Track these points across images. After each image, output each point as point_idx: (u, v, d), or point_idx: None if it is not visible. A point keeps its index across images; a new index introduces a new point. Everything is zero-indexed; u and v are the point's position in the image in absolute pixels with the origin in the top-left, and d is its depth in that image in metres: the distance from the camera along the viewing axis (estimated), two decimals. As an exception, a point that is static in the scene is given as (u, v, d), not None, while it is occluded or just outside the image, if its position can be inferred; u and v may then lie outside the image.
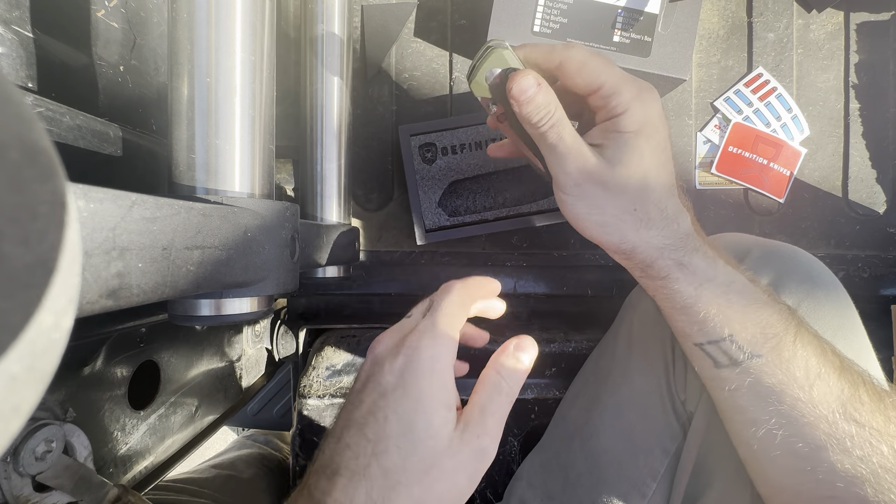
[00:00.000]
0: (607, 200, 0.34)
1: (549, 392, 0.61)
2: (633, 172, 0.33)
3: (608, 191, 0.33)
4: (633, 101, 0.33)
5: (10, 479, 0.31)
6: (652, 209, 0.34)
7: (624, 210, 0.34)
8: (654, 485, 0.43)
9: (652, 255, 0.34)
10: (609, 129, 0.34)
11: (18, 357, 0.11)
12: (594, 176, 0.33)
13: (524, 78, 0.32)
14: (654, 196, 0.34)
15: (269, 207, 0.31)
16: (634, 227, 0.34)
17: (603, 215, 0.34)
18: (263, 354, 0.69)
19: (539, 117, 0.32)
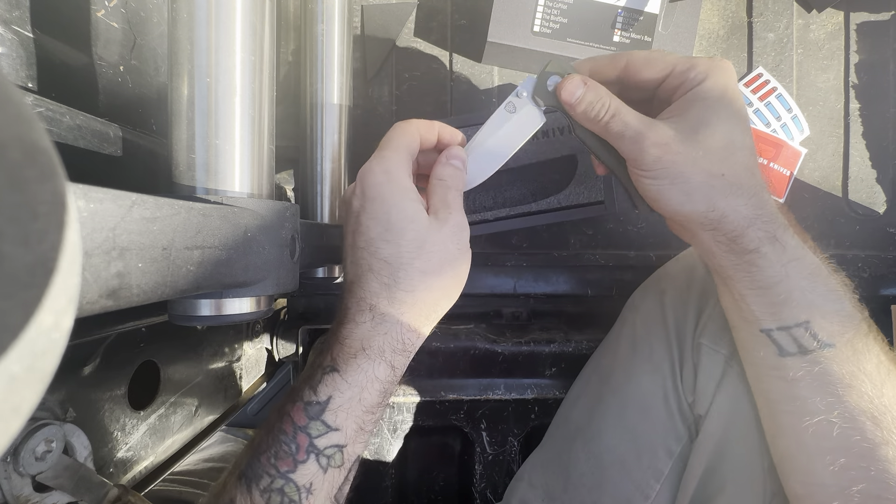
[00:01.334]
0: (692, 167, 0.32)
1: (549, 392, 0.61)
2: (719, 134, 0.32)
3: (692, 156, 0.32)
4: (712, 68, 0.33)
5: (10, 479, 0.31)
6: (742, 173, 0.32)
7: (711, 175, 0.32)
8: (658, 486, 0.43)
9: (742, 225, 0.32)
10: (689, 99, 0.33)
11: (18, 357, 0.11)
12: (674, 145, 0.32)
13: (570, 81, 0.34)
14: (742, 159, 0.32)
15: (269, 207, 0.31)
16: (723, 192, 0.32)
17: (688, 184, 0.32)
18: (263, 354, 0.69)
19: (595, 112, 0.34)
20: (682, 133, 0.32)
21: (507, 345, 0.61)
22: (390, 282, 0.31)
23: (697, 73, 0.33)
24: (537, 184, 0.56)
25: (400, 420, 0.63)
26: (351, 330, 0.32)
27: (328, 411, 0.30)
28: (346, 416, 0.30)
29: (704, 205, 0.32)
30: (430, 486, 0.67)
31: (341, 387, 0.30)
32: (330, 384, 0.30)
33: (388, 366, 0.31)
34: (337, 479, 0.31)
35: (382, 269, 0.31)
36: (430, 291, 0.32)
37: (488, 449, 0.64)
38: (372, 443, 0.63)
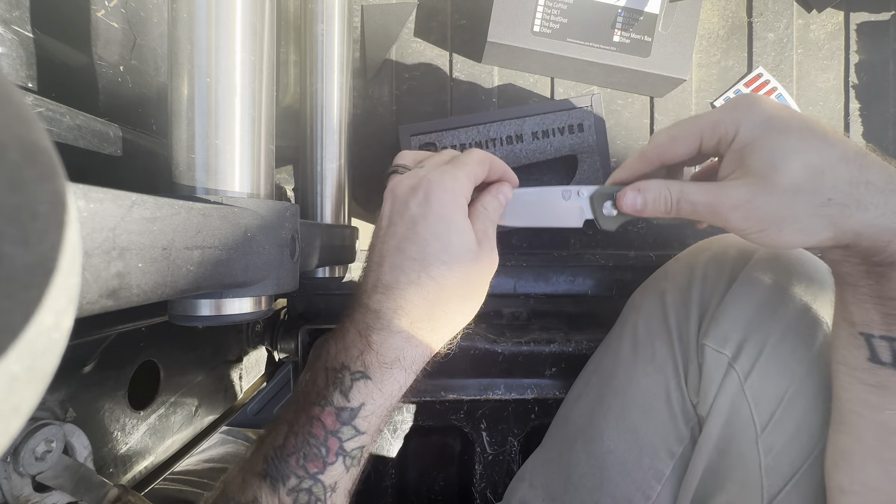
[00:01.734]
0: (791, 209, 0.30)
1: (549, 392, 0.61)
2: (793, 165, 0.30)
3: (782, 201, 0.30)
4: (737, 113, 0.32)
5: (10, 479, 0.31)
6: (853, 189, 0.29)
7: (816, 206, 0.30)
8: (659, 487, 0.43)
9: (883, 239, 0.29)
10: (738, 149, 0.32)
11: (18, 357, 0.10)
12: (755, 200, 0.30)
13: (623, 197, 0.36)
14: (842, 173, 0.29)
15: (269, 207, 0.31)
16: (843, 214, 0.29)
17: (797, 221, 0.30)
18: (263, 354, 0.69)
19: (663, 209, 0.34)
20: (756, 186, 0.30)
21: (507, 345, 0.61)
22: (434, 299, 0.33)
23: (727, 128, 0.32)
24: (537, 184, 0.56)
25: (400, 420, 0.63)
26: (385, 338, 0.32)
27: (359, 417, 0.31)
28: (374, 420, 0.32)
29: (829, 232, 0.30)
30: (430, 486, 0.67)
31: (374, 395, 0.32)
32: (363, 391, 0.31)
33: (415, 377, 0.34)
34: (355, 475, 0.33)
35: (429, 285, 0.32)
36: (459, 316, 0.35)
37: (488, 449, 0.64)
38: (372, 443, 0.63)
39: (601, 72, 0.58)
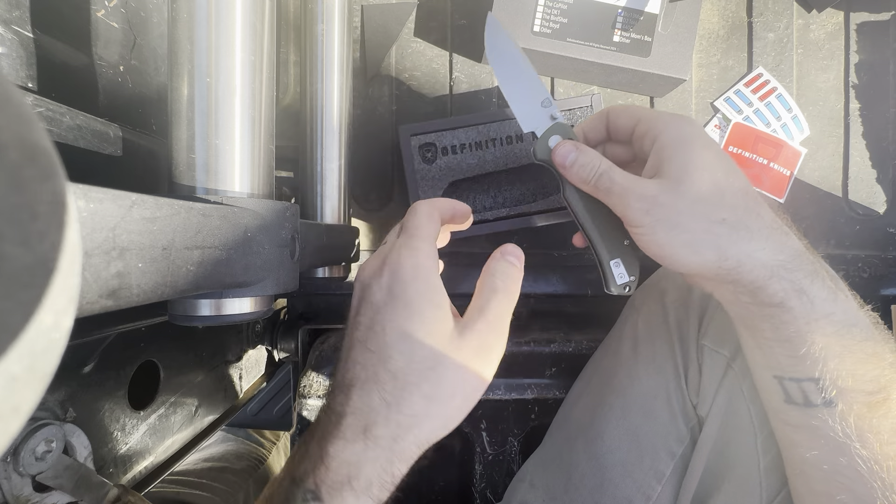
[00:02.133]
0: (687, 217, 0.31)
1: (549, 392, 0.61)
2: (703, 180, 0.31)
3: (682, 206, 0.31)
4: (672, 118, 0.35)
5: (10, 479, 0.31)
6: (745, 215, 0.31)
7: (711, 221, 0.31)
8: (660, 487, 0.43)
9: (763, 275, 0.31)
10: (661, 150, 0.34)
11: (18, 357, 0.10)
12: (660, 197, 0.32)
13: (562, 146, 0.37)
14: (737, 200, 0.31)
15: (269, 207, 0.31)
16: (730, 238, 0.31)
17: (688, 232, 0.31)
18: (263, 354, 0.69)
19: (585, 173, 0.35)
20: (666, 185, 0.32)
21: (507, 345, 0.61)
22: (392, 401, 0.27)
23: (659, 124, 0.35)
24: (537, 184, 0.56)
25: (400, 420, 0.63)
26: (340, 449, 0.27)
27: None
28: None
29: (714, 253, 0.31)
30: (430, 486, 0.67)
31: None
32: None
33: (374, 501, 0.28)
34: None
35: (387, 383, 0.28)
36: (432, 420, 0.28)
37: (488, 449, 0.64)
38: (372, 443, 0.63)
39: (601, 72, 0.58)
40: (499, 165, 0.55)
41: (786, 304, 0.31)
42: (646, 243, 0.34)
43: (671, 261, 0.33)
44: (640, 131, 0.36)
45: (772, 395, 0.34)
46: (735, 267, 0.31)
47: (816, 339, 0.31)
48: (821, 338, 0.31)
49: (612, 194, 0.34)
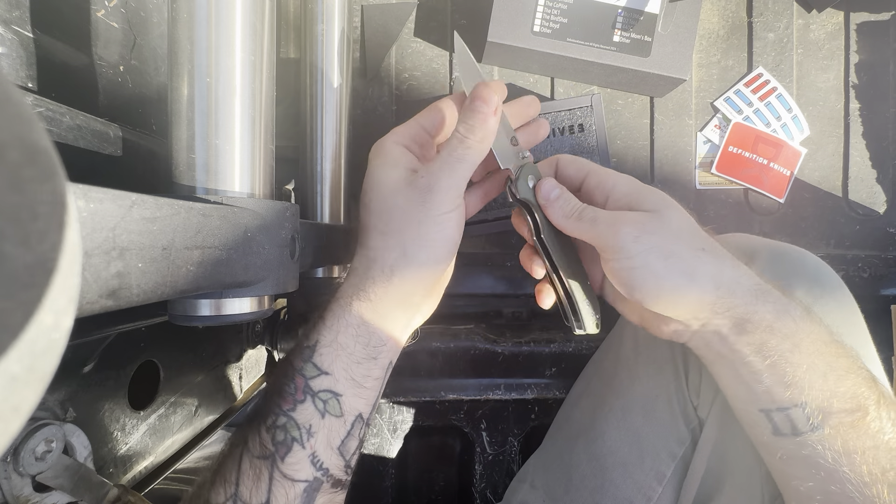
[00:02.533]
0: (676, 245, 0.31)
1: (549, 392, 0.61)
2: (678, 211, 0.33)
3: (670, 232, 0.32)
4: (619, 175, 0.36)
5: (10, 479, 0.31)
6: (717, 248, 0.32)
7: (696, 248, 0.32)
8: (660, 488, 0.43)
9: (750, 300, 0.31)
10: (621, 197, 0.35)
11: (18, 357, 0.10)
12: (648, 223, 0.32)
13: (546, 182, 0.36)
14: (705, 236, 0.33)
15: (269, 207, 0.31)
16: (717, 266, 0.31)
17: (683, 261, 0.31)
18: (263, 354, 0.68)
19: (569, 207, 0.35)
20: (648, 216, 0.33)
21: (507, 345, 0.61)
22: (361, 242, 0.35)
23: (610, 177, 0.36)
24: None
25: (400, 420, 0.63)
26: (341, 284, 0.36)
27: (316, 354, 0.32)
28: (333, 359, 0.32)
29: (710, 282, 0.31)
30: (430, 486, 0.67)
31: (322, 330, 0.33)
32: (316, 330, 0.33)
33: (354, 313, 0.33)
34: (337, 428, 0.32)
35: (361, 231, 0.35)
36: (391, 250, 0.34)
37: (488, 449, 0.64)
38: (372, 443, 0.63)
39: (601, 72, 0.58)
40: (499, 165, 0.55)
41: (773, 327, 0.31)
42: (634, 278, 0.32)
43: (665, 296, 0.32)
44: (591, 183, 0.36)
45: (760, 430, 0.34)
46: (727, 295, 0.31)
47: (801, 360, 0.31)
48: (805, 358, 0.31)
49: (599, 224, 0.33)
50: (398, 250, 0.33)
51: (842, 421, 0.31)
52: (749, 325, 0.31)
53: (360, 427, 0.33)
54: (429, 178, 0.33)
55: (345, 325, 0.33)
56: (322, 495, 0.31)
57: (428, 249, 0.33)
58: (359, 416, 0.33)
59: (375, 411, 0.36)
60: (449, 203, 0.33)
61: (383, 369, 0.35)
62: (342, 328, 0.33)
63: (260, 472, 0.30)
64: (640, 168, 0.64)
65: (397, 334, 0.35)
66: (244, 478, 0.30)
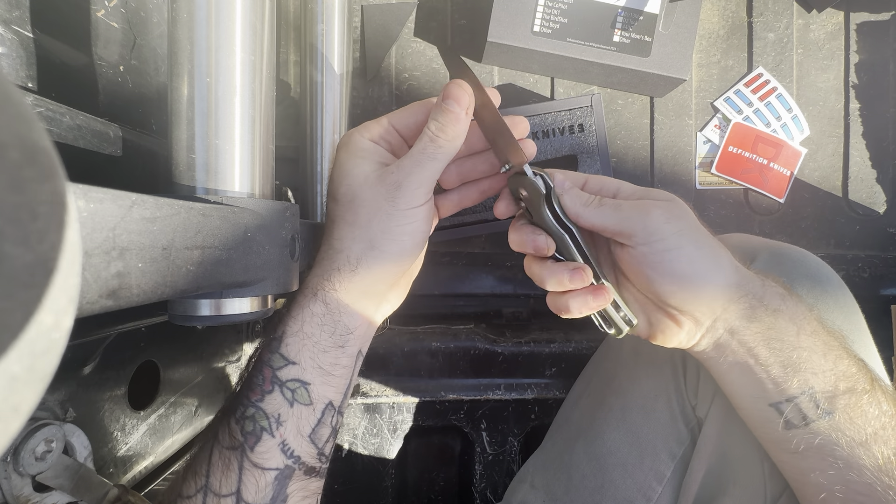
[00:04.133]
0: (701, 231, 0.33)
1: (549, 392, 0.61)
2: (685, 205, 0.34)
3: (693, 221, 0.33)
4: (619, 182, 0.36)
5: (10, 479, 0.31)
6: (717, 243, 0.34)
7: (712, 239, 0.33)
8: (660, 488, 0.43)
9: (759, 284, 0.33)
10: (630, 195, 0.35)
11: (18, 357, 0.10)
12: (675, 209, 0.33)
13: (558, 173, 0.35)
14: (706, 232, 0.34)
15: (269, 207, 0.31)
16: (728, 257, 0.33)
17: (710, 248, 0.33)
18: (263, 354, 0.68)
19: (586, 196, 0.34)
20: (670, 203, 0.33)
21: (507, 345, 0.61)
22: (328, 233, 0.35)
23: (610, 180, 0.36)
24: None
25: (400, 420, 0.63)
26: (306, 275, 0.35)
27: (283, 344, 0.32)
28: (299, 349, 0.32)
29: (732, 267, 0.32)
30: (430, 486, 0.67)
31: (288, 322, 0.33)
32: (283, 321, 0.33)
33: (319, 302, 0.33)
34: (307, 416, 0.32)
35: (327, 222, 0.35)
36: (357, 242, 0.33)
37: (488, 449, 0.64)
38: (372, 443, 0.63)
39: (601, 72, 0.58)
40: (499, 165, 0.55)
41: (780, 310, 0.32)
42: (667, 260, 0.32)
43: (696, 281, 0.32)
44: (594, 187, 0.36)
45: (771, 426, 0.34)
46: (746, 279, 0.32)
47: (804, 342, 0.32)
48: (806, 339, 0.32)
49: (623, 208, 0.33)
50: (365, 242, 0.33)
51: (848, 402, 0.31)
52: (759, 310, 0.32)
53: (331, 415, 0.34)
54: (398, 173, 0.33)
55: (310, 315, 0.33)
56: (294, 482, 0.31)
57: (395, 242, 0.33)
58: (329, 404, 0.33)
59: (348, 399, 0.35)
60: (417, 199, 0.33)
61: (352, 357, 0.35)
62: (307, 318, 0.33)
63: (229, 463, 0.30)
64: (640, 168, 0.64)
65: (364, 323, 0.35)
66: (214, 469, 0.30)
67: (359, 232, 0.33)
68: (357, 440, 0.63)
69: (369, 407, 0.63)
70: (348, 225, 0.34)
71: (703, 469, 0.41)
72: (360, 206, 0.33)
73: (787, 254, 0.40)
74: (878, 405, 0.31)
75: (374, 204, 0.33)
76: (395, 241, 0.33)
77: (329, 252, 0.34)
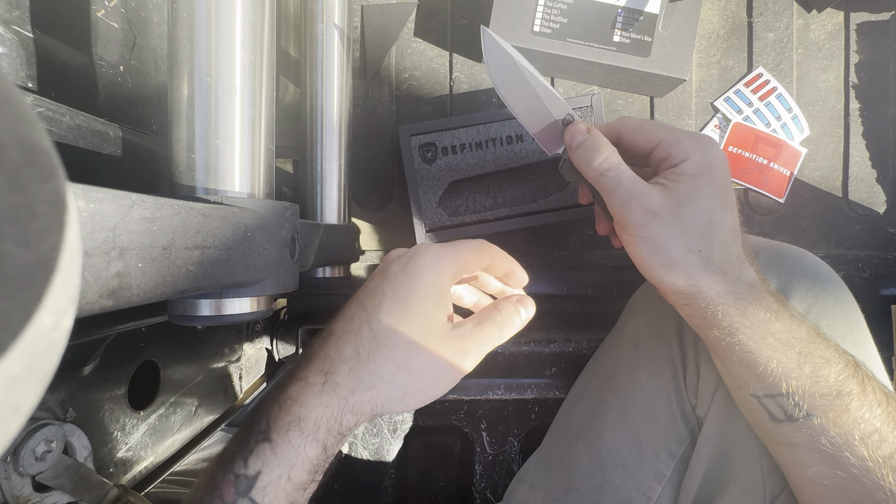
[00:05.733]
0: (673, 240, 0.33)
1: (549, 392, 0.61)
2: (700, 212, 0.33)
3: (673, 230, 0.33)
4: (694, 147, 0.34)
5: (10, 479, 0.31)
6: (716, 251, 0.33)
7: (688, 250, 0.33)
8: (660, 488, 0.43)
9: (715, 302, 0.33)
10: (673, 175, 0.34)
11: (18, 357, 0.10)
12: (661, 215, 0.33)
13: (574, 126, 0.36)
14: (718, 237, 0.33)
15: (269, 207, 0.31)
16: (699, 268, 0.33)
17: (669, 256, 0.33)
18: (263, 354, 0.68)
19: (591, 157, 0.34)
20: (669, 207, 0.33)
21: (507, 345, 0.61)
22: (364, 355, 0.29)
23: (681, 151, 0.34)
24: (537, 184, 0.56)
25: (400, 420, 0.63)
26: (299, 390, 0.29)
27: (256, 489, 0.27)
28: (276, 494, 0.27)
29: (684, 280, 0.33)
30: (430, 486, 0.67)
31: (271, 462, 0.28)
32: (260, 456, 0.28)
33: (320, 446, 0.28)
34: None
35: (366, 339, 0.30)
36: (393, 387, 0.30)
37: (488, 449, 0.64)
38: (372, 443, 0.63)
39: (601, 72, 0.58)
40: (499, 165, 0.55)
41: (733, 327, 0.33)
42: (628, 247, 0.35)
43: (645, 270, 0.35)
44: (660, 155, 0.35)
45: (758, 415, 0.35)
46: (695, 293, 0.33)
47: (769, 353, 0.33)
48: (772, 352, 0.32)
49: (617, 193, 0.34)
50: (400, 391, 0.30)
51: (830, 405, 0.31)
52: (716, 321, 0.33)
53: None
54: (470, 343, 0.32)
55: (302, 461, 0.28)
56: None
57: (427, 399, 0.31)
58: None
59: None
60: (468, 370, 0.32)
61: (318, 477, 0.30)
62: (298, 462, 0.28)
63: None
64: (640, 168, 0.64)
65: None
66: None
67: (401, 378, 0.30)
68: (357, 440, 0.63)
69: (369, 407, 0.63)
70: (395, 364, 0.29)
71: (702, 468, 0.41)
72: (418, 354, 0.30)
73: (786, 253, 0.40)
74: (870, 408, 0.31)
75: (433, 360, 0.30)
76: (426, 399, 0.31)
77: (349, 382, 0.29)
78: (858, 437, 0.31)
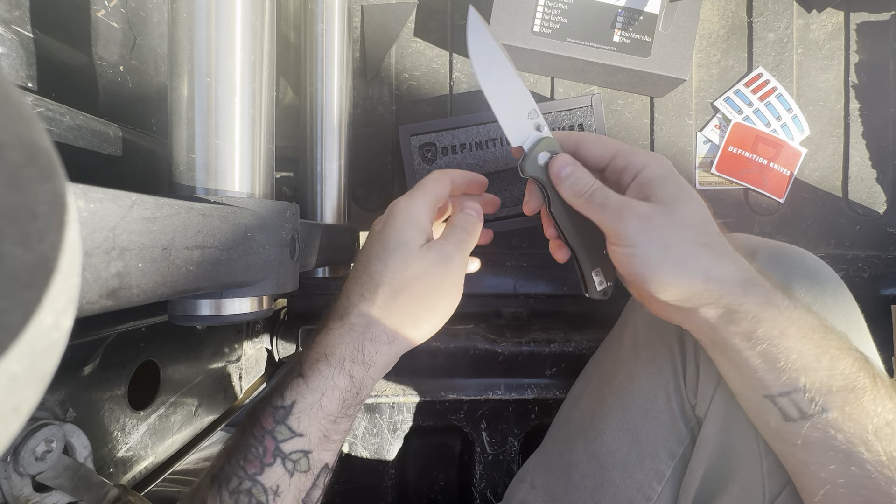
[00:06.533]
0: (677, 237, 0.33)
1: (549, 392, 0.61)
2: (691, 206, 0.33)
3: (675, 227, 0.33)
4: (649, 156, 0.36)
5: (10, 479, 0.31)
6: (721, 243, 0.33)
7: (696, 244, 0.33)
8: (660, 488, 0.43)
9: (738, 292, 0.32)
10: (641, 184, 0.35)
11: (18, 357, 0.10)
12: (655, 217, 0.33)
13: (559, 159, 0.37)
14: (714, 228, 0.34)
15: (269, 207, 0.31)
16: (713, 261, 0.32)
17: (678, 253, 0.32)
18: (263, 354, 0.68)
19: (580, 187, 0.36)
20: (659, 208, 0.33)
21: (507, 345, 0.61)
22: (367, 295, 0.34)
23: (639, 159, 0.36)
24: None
25: (400, 420, 0.63)
26: (323, 336, 0.34)
27: (292, 416, 0.31)
28: (309, 421, 0.31)
29: (701, 274, 0.32)
30: (430, 486, 0.67)
31: (303, 391, 0.32)
32: (294, 389, 0.32)
33: (346, 375, 0.33)
34: (304, 483, 0.32)
35: (366, 283, 0.34)
36: (399, 313, 0.34)
37: (488, 449, 0.64)
38: (372, 443, 0.63)
39: (601, 72, 0.58)
40: (499, 165, 0.55)
41: (760, 316, 0.32)
42: (632, 263, 0.33)
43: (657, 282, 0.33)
44: (619, 165, 0.37)
45: (769, 417, 0.34)
46: (717, 287, 0.32)
47: (790, 345, 0.32)
48: (794, 343, 0.32)
49: (607, 210, 0.34)
50: (408, 315, 0.34)
51: (846, 399, 0.31)
52: (736, 316, 0.33)
53: (324, 476, 0.33)
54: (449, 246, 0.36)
55: (332, 388, 0.32)
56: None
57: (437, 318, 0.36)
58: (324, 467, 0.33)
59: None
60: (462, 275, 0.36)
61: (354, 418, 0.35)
62: (328, 390, 0.32)
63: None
64: (640, 168, 0.64)
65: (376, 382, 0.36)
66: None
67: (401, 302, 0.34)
68: (357, 440, 0.63)
69: (369, 407, 0.63)
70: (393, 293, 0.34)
71: (702, 468, 0.41)
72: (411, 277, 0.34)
73: (786, 253, 0.40)
74: (882, 402, 0.31)
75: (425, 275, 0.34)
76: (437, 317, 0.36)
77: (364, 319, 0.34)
78: (871, 430, 0.31)
